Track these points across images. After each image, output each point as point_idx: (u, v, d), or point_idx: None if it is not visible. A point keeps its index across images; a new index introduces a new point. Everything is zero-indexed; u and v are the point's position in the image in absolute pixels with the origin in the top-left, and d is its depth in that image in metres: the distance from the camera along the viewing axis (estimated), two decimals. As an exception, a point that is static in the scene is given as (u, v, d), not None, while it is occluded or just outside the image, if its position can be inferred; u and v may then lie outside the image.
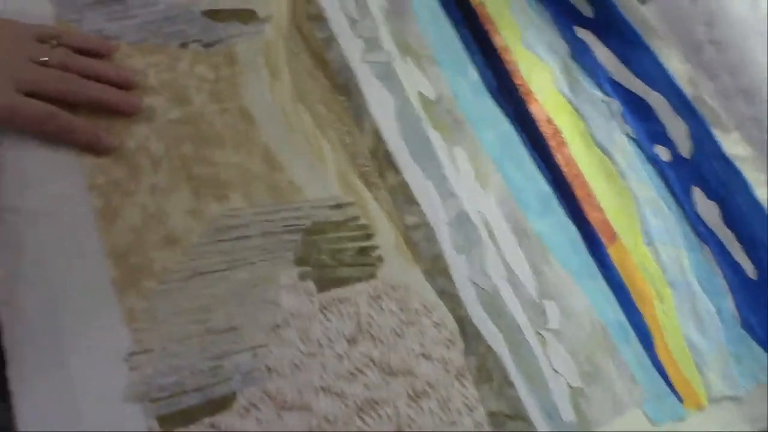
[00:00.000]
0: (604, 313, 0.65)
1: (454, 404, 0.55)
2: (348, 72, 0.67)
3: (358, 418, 0.52)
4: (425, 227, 0.62)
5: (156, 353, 0.50)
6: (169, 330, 0.51)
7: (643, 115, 0.75)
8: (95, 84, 0.56)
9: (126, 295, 0.51)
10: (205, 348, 0.51)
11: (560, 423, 0.58)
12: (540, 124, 0.71)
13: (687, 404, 0.64)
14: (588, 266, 0.66)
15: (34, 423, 0.46)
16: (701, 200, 0.72)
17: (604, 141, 0.73)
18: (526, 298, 0.62)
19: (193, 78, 0.61)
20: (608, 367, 0.62)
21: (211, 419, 0.49)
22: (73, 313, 0.50)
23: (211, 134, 0.59)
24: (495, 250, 0.63)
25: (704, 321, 0.68)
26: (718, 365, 0.67)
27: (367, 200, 0.60)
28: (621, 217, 0.70)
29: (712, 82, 0.71)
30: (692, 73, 0.72)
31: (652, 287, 0.68)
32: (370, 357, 0.55)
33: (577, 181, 0.70)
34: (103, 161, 0.55)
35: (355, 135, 0.64)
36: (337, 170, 0.61)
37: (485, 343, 0.59)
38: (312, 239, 0.57)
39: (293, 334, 0.54)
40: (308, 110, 0.63)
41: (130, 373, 0.49)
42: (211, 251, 0.54)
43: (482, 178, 0.66)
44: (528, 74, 0.74)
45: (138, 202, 0.55)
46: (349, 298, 0.56)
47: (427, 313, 0.58)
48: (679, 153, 0.73)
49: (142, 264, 0.53)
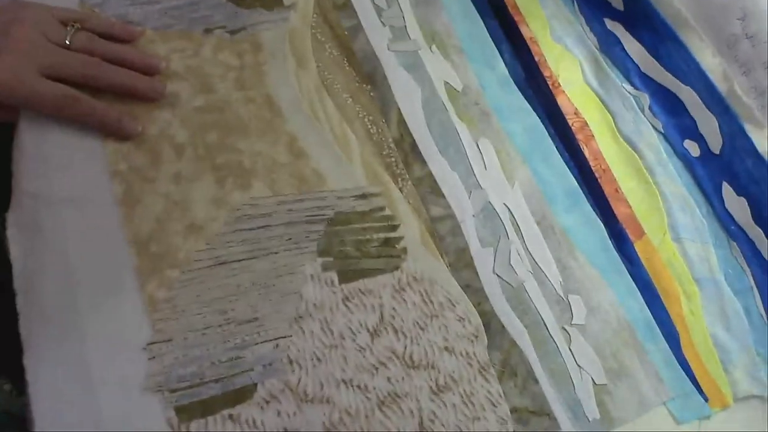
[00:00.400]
0: (630, 310, 0.64)
1: (477, 399, 0.54)
2: (374, 61, 0.66)
3: (380, 411, 0.52)
4: (451, 220, 0.61)
5: (176, 343, 0.50)
6: (190, 320, 0.51)
7: (673, 109, 0.73)
8: (118, 69, 0.55)
9: (148, 284, 0.51)
10: (226, 338, 0.51)
11: (584, 420, 0.57)
12: (568, 117, 0.70)
13: (712, 403, 0.63)
14: (614, 262, 0.65)
15: (50, 413, 0.46)
16: (731, 197, 0.70)
17: (632, 135, 0.72)
18: (552, 293, 0.61)
19: (217, 65, 0.60)
20: (634, 365, 0.61)
21: (231, 411, 0.49)
22: (92, 301, 0.50)
23: (235, 122, 0.58)
24: (521, 244, 0.62)
25: (731, 320, 0.67)
26: (745, 364, 0.66)
27: (392, 191, 0.59)
28: (648, 212, 0.69)
29: (745, 77, 0.70)
30: (725, 68, 0.71)
31: (679, 284, 0.67)
32: (393, 350, 0.54)
33: (605, 175, 0.69)
34: (125, 147, 0.54)
35: (380, 125, 0.63)
36: (363, 160, 0.60)
37: (510, 338, 0.58)
38: (336, 230, 0.56)
39: (315, 325, 0.53)
40: (334, 99, 0.62)
41: (149, 362, 0.49)
42: (234, 240, 0.54)
43: (509, 171, 0.65)
44: (556, 66, 0.73)
45: (160, 190, 0.54)
46: (373, 290, 0.55)
47: (451, 306, 0.57)
48: (709, 148, 0.71)
49: (164, 252, 0.52)
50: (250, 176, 0.56)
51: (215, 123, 0.58)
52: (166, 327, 0.50)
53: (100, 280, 0.51)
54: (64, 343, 0.48)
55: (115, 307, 0.50)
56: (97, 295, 0.50)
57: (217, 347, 0.50)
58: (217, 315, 0.51)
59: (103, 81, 0.55)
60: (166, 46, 0.60)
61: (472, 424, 0.54)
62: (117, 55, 0.56)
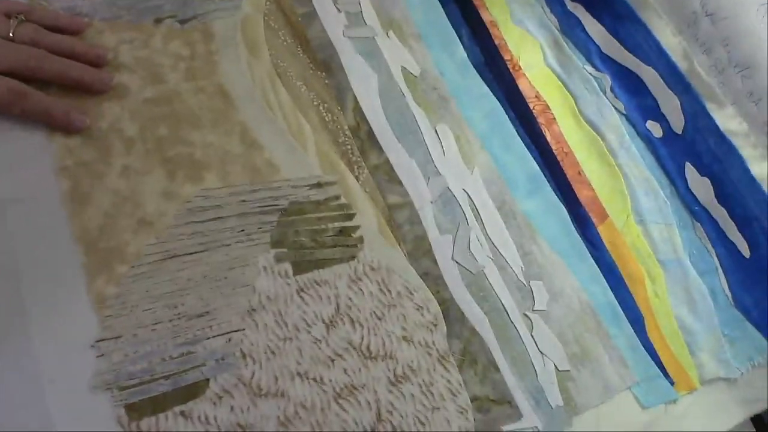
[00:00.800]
0: (594, 295, 0.63)
1: (436, 389, 0.54)
2: (329, 48, 0.65)
3: (336, 404, 0.51)
4: (408, 207, 0.60)
5: (125, 340, 0.49)
6: (140, 315, 0.50)
7: (635, 90, 0.72)
8: (64, 60, 0.54)
9: (96, 281, 0.50)
10: (177, 333, 0.50)
11: (547, 407, 0.57)
12: (529, 100, 0.70)
13: (678, 387, 0.63)
14: (577, 246, 0.65)
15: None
16: (694, 177, 0.70)
17: (594, 117, 0.71)
18: (513, 279, 0.61)
19: (167, 56, 0.59)
20: (597, 350, 0.61)
21: (182, 407, 0.48)
22: (39, 300, 0.49)
23: (186, 113, 0.57)
24: (480, 230, 0.62)
25: (697, 302, 0.66)
26: (711, 347, 0.66)
27: (348, 180, 0.58)
28: (611, 195, 0.68)
29: (706, 56, 0.69)
30: (686, 47, 0.70)
31: (644, 267, 0.66)
32: (350, 341, 0.53)
33: (567, 158, 0.68)
34: (72, 142, 0.53)
35: (335, 113, 0.62)
36: (318, 149, 0.59)
37: (469, 326, 0.58)
38: (290, 220, 0.55)
39: (269, 318, 0.52)
40: (287, 88, 0.61)
41: (98, 360, 0.48)
42: (185, 233, 0.53)
43: (468, 156, 0.64)
44: (517, 50, 0.72)
45: (109, 185, 0.53)
46: (328, 281, 0.54)
47: (409, 295, 0.56)
48: (671, 129, 0.71)
49: (113, 248, 0.51)
50: (201, 168, 0.55)
51: (166, 115, 0.56)
52: (115, 324, 0.49)
53: (46, 278, 0.49)
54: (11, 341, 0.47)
55: (62, 304, 0.49)
56: (43, 294, 0.49)
57: (168, 343, 0.50)
58: (167, 310, 0.50)
59: (49, 73, 0.53)
60: (115, 37, 0.59)
61: (431, 414, 0.53)
62: (63, 46, 0.55)
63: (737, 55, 0.67)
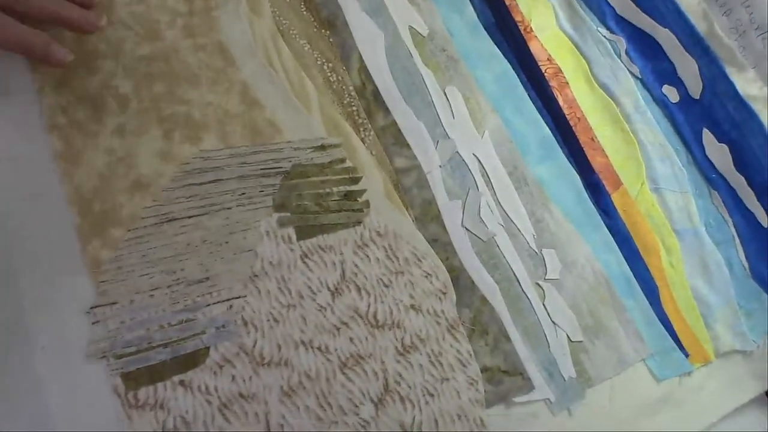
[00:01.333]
0: (608, 264, 0.61)
1: (445, 359, 0.52)
2: (334, 5, 0.62)
3: (342, 374, 0.49)
4: (416, 171, 0.58)
5: (121, 306, 0.47)
6: (136, 281, 0.47)
7: (651, 53, 0.70)
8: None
9: (90, 244, 0.48)
10: (176, 300, 0.48)
11: (560, 379, 0.55)
12: (541, 63, 0.67)
13: (693, 359, 0.61)
14: (590, 214, 0.62)
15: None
16: (711, 143, 0.67)
17: (608, 81, 0.68)
18: (524, 247, 0.59)
19: (165, 11, 0.56)
20: (611, 321, 0.59)
21: (182, 376, 0.46)
22: (30, 264, 0.46)
23: (184, 71, 0.54)
24: (491, 196, 0.59)
25: (713, 273, 0.64)
26: (727, 319, 0.64)
27: (353, 142, 0.56)
28: (626, 162, 0.66)
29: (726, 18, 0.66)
30: (705, 8, 0.67)
31: (659, 237, 0.64)
32: (356, 309, 0.51)
33: (580, 124, 0.66)
34: (64, 99, 0.51)
35: (340, 72, 0.59)
36: (321, 110, 0.56)
37: (480, 295, 0.55)
38: (293, 183, 0.53)
39: (272, 284, 0.50)
40: (290, 46, 0.58)
41: (93, 327, 0.46)
42: (183, 196, 0.50)
43: (478, 120, 0.62)
44: (528, 10, 0.69)
45: (103, 145, 0.50)
46: (333, 246, 0.52)
47: (418, 262, 0.54)
48: (688, 93, 0.68)
49: (108, 210, 0.49)
50: (200, 128, 0.53)
51: (162, 73, 0.54)
52: (111, 289, 0.47)
53: (38, 241, 0.47)
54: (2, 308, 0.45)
55: (55, 269, 0.47)
56: (35, 258, 0.47)
57: (166, 309, 0.48)
58: (165, 275, 0.48)
59: (35, 11, 0.49)
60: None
61: (440, 385, 0.51)
62: None
63: (759, 17, 0.64)
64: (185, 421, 0.46)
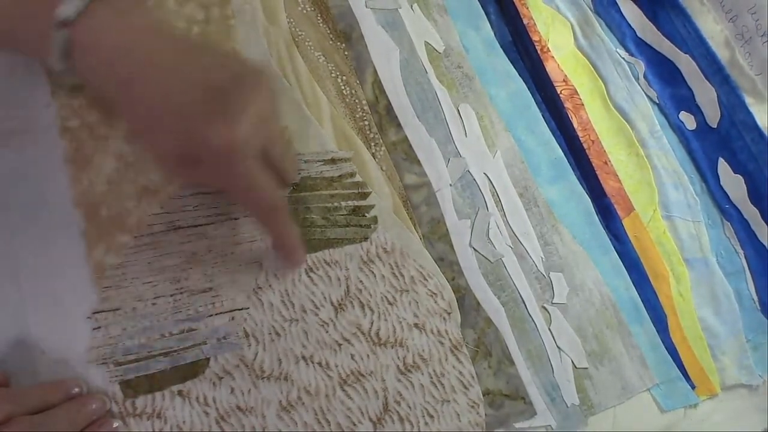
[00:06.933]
0: (616, 290, 0.60)
1: (447, 380, 0.51)
2: (350, 18, 0.62)
3: (342, 390, 0.49)
4: (426, 188, 0.58)
5: (123, 313, 0.47)
6: (140, 288, 0.47)
7: (670, 78, 0.69)
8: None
9: (95, 249, 0.48)
10: (178, 309, 0.48)
11: (562, 405, 0.54)
12: (556, 83, 0.66)
13: (699, 391, 0.60)
14: (600, 239, 0.62)
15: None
16: (726, 173, 0.66)
17: (624, 105, 0.67)
18: (532, 269, 0.58)
19: (181, 18, 0.56)
20: (617, 348, 0.58)
21: (180, 387, 0.46)
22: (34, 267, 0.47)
23: (198, 79, 0.54)
24: (500, 216, 0.59)
25: (722, 304, 0.63)
26: (734, 351, 0.63)
27: (364, 156, 0.56)
28: (639, 187, 0.65)
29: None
30: (728, 35, 0.66)
31: (668, 265, 0.63)
32: (358, 326, 0.51)
33: (594, 146, 0.65)
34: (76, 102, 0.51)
35: (354, 86, 0.59)
36: (333, 123, 0.56)
37: (485, 316, 0.55)
38: (301, 196, 0.53)
39: (275, 297, 0.50)
40: (305, 57, 0.58)
41: (94, 333, 0.46)
42: (191, 204, 0.50)
43: (490, 138, 0.61)
44: (546, 30, 0.69)
45: (113, 149, 0.50)
46: (339, 261, 0.52)
47: (423, 280, 0.53)
48: (706, 121, 0.67)
49: (115, 216, 0.49)
50: (211, 137, 0.52)
51: (176, 79, 0.54)
52: (114, 295, 0.47)
53: (43, 244, 0.47)
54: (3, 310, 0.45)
55: (58, 272, 0.47)
56: (39, 261, 0.47)
57: (168, 318, 0.47)
58: (169, 284, 0.48)
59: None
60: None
61: (440, 406, 0.50)
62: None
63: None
64: (182, 431, 0.45)
